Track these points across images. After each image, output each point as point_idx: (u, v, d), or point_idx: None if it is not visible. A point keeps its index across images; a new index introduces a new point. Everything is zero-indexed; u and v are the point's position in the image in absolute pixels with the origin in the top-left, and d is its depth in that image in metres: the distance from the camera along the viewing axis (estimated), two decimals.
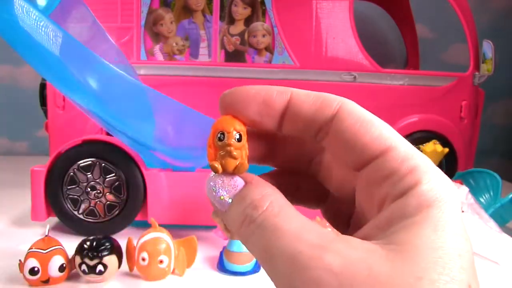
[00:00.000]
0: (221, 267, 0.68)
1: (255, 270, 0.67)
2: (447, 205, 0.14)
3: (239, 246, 0.66)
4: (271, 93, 0.18)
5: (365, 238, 0.15)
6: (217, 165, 0.17)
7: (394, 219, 0.14)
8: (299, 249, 0.14)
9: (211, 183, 0.17)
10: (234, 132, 0.17)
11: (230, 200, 0.17)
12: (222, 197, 0.17)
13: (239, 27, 1.12)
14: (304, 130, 0.18)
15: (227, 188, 0.17)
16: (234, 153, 0.17)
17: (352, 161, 0.17)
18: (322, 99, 0.17)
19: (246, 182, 0.17)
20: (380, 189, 0.16)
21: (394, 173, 0.15)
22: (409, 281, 0.13)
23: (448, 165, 1.18)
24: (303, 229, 0.15)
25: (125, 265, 0.65)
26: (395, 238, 0.14)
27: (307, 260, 0.14)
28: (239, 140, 0.17)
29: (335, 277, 0.13)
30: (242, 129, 0.18)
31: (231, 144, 0.17)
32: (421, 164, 0.15)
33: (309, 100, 0.17)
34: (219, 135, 0.17)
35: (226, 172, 0.17)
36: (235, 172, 0.17)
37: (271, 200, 0.16)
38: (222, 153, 0.17)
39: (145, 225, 0.74)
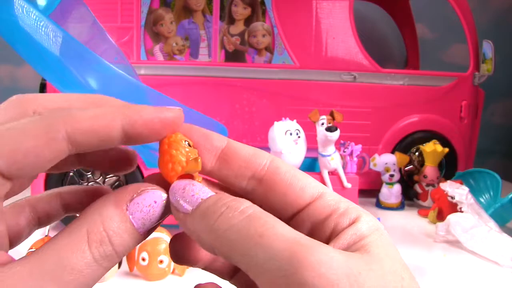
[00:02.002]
0: None
1: None
2: (384, 231, 0.17)
3: None
4: (211, 132, 0.19)
5: None
6: (178, 161, 0.17)
7: (352, 241, 0.16)
8: (299, 236, 0.15)
9: (182, 183, 0.17)
10: (183, 140, 0.18)
11: (201, 200, 0.17)
12: (197, 194, 0.17)
13: (239, 27, 1.12)
14: (237, 175, 0.19)
15: (202, 189, 0.17)
16: (186, 151, 0.18)
17: (287, 208, 0.18)
18: (256, 150, 0.19)
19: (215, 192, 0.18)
20: (325, 225, 0.17)
21: (335, 210, 0.17)
22: (397, 277, 0.15)
23: (448, 165, 1.19)
24: (291, 228, 0.16)
25: (125, 265, 0.65)
26: (360, 251, 0.16)
27: (311, 244, 0.14)
28: (189, 146, 0.18)
29: (344, 260, 0.14)
30: (189, 140, 0.19)
31: (181, 144, 0.18)
32: (351, 205, 0.18)
33: (245, 148, 0.19)
34: (187, 142, 0.18)
35: (184, 168, 0.18)
36: (188, 169, 0.18)
37: (250, 204, 0.16)
38: (192, 156, 0.18)
39: None
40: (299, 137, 0.91)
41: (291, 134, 0.91)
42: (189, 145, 0.18)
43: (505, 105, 1.60)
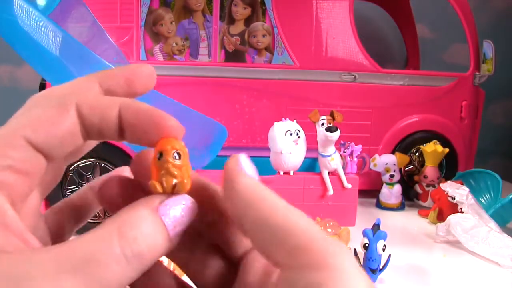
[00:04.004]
0: None
1: None
2: None
3: None
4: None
5: None
6: (157, 185, 0.17)
7: None
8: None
9: (247, 162, 0.18)
10: (173, 151, 0.17)
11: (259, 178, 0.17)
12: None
13: (239, 27, 1.12)
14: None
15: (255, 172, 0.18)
16: (171, 170, 0.17)
17: None
18: None
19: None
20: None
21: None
22: None
23: (449, 165, 1.18)
24: None
25: None
26: None
27: (338, 247, 0.15)
28: (179, 158, 0.17)
29: (360, 273, 0.15)
30: (182, 148, 0.18)
31: (168, 161, 0.17)
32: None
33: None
34: (158, 155, 0.17)
35: (166, 190, 0.17)
36: (175, 191, 0.17)
37: None
38: (162, 173, 0.17)
39: None
40: (299, 137, 0.91)
41: (291, 134, 0.91)
42: (178, 157, 0.17)
43: (505, 105, 1.60)
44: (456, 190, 0.92)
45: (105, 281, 0.14)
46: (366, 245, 0.67)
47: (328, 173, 0.94)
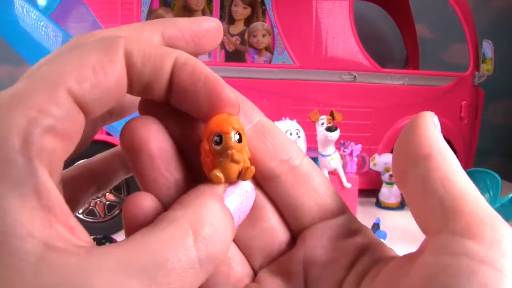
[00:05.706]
0: None
1: None
2: None
3: None
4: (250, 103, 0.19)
5: None
6: (219, 174, 0.14)
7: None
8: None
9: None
10: (233, 132, 0.14)
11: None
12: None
13: (239, 27, 1.12)
14: (270, 152, 0.17)
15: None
16: (237, 156, 0.14)
17: (312, 208, 0.17)
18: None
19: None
20: (347, 244, 0.16)
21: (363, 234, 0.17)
22: None
23: None
24: None
25: None
26: None
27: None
28: (240, 141, 0.14)
29: None
30: (241, 127, 0.15)
31: (231, 146, 0.14)
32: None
33: (281, 130, 0.18)
34: (215, 138, 0.14)
35: (229, 180, 0.15)
36: (240, 178, 0.15)
37: None
38: (221, 159, 0.14)
39: None
40: (299, 137, 0.91)
41: (291, 134, 0.91)
42: (240, 139, 0.15)
43: (505, 105, 1.60)
44: None
45: None
46: None
47: (328, 172, 0.95)
